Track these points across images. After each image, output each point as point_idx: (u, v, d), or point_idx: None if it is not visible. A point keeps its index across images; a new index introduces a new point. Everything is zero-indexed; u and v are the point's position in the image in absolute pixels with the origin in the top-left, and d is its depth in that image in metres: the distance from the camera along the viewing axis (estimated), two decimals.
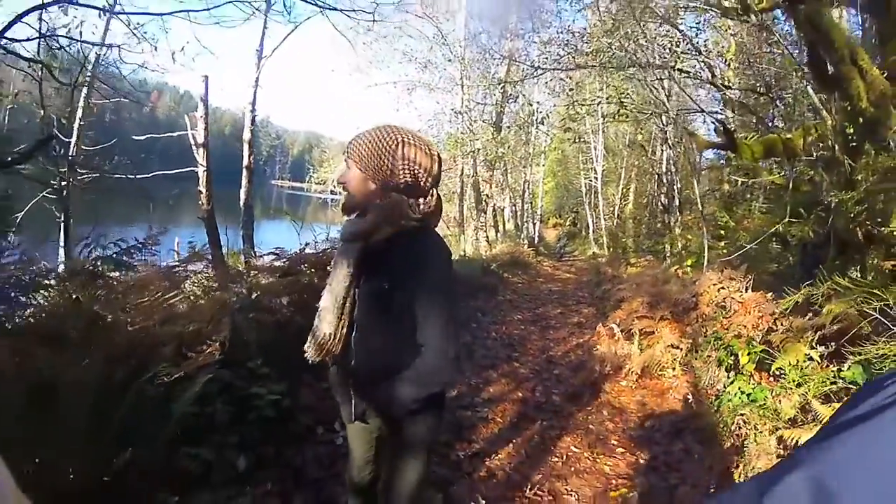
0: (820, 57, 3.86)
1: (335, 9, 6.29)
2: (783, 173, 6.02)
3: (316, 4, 6.18)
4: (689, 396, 4.05)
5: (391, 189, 1.61)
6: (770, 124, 7.40)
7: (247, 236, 8.82)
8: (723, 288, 4.42)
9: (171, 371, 1.98)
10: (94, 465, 1.69)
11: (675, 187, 11.57)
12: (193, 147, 9.29)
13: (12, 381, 1.73)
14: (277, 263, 4.79)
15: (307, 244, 4.87)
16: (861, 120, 3.81)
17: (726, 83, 8.40)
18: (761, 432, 2.82)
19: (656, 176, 13.61)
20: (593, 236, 17.87)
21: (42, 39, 5.86)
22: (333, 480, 2.70)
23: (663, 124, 11.07)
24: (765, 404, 3.14)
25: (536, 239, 19.30)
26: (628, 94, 11.16)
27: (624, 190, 17.50)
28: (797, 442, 2.55)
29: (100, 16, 6.51)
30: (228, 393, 2.48)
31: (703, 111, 8.74)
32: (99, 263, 3.07)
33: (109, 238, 3.70)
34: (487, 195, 15.70)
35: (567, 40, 10.26)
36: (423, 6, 14.57)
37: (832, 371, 2.97)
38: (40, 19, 5.09)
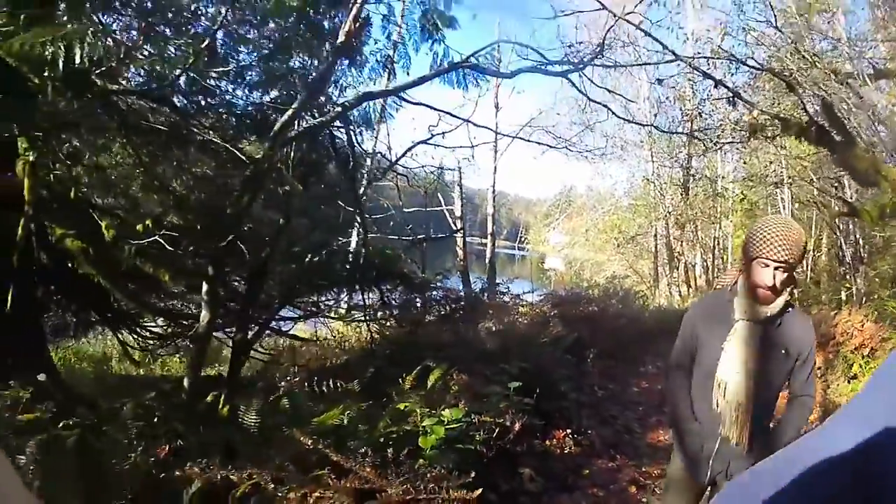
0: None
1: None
2: None
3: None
4: (824, 401, 5.96)
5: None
6: None
7: (491, 284, 11.99)
8: (850, 321, 6.29)
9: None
10: None
11: (853, 238, 12.01)
12: (449, 218, 12.83)
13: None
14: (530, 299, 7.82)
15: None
16: None
17: None
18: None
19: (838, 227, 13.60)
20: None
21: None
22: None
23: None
24: None
25: None
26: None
27: (816, 241, 17.44)
28: None
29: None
30: None
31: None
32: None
33: None
34: (679, 252, 16.63)
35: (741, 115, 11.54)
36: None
37: None
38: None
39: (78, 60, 3.44)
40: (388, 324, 5.87)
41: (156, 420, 3.40)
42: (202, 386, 4.29)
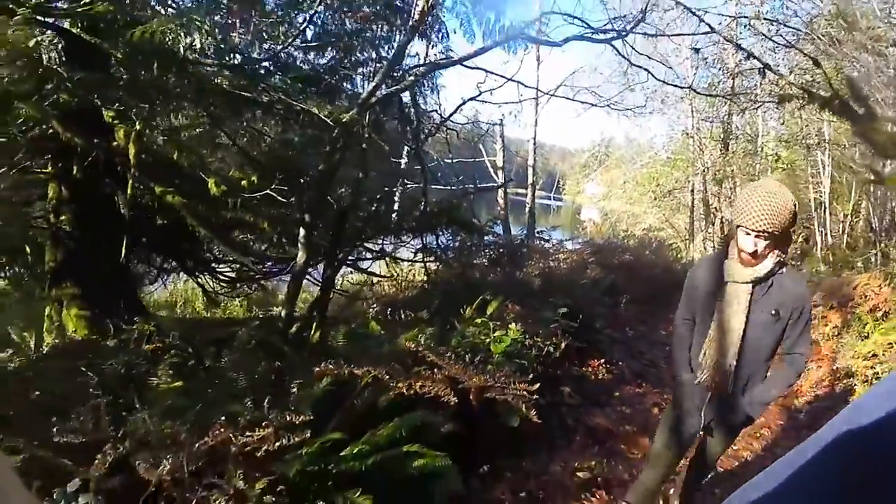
0: None
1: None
2: None
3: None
4: (835, 355, 6.55)
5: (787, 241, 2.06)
6: None
7: (530, 231, 12.67)
8: (868, 284, 6.81)
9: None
10: None
11: (891, 205, 12.21)
12: (491, 169, 13.41)
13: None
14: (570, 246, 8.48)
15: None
16: None
17: None
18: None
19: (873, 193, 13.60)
20: (821, 255, 17.83)
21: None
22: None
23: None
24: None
25: None
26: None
27: (856, 205, 17.35)
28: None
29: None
30: None
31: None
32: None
33: None
34: (716, 208, 16.56)
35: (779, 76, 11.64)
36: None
37: None
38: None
39: (198, 46, 4.15)
40: (440, 267, 6.66)
41: (254, 344, 4.27)
42: (293, 319, 5.18)
